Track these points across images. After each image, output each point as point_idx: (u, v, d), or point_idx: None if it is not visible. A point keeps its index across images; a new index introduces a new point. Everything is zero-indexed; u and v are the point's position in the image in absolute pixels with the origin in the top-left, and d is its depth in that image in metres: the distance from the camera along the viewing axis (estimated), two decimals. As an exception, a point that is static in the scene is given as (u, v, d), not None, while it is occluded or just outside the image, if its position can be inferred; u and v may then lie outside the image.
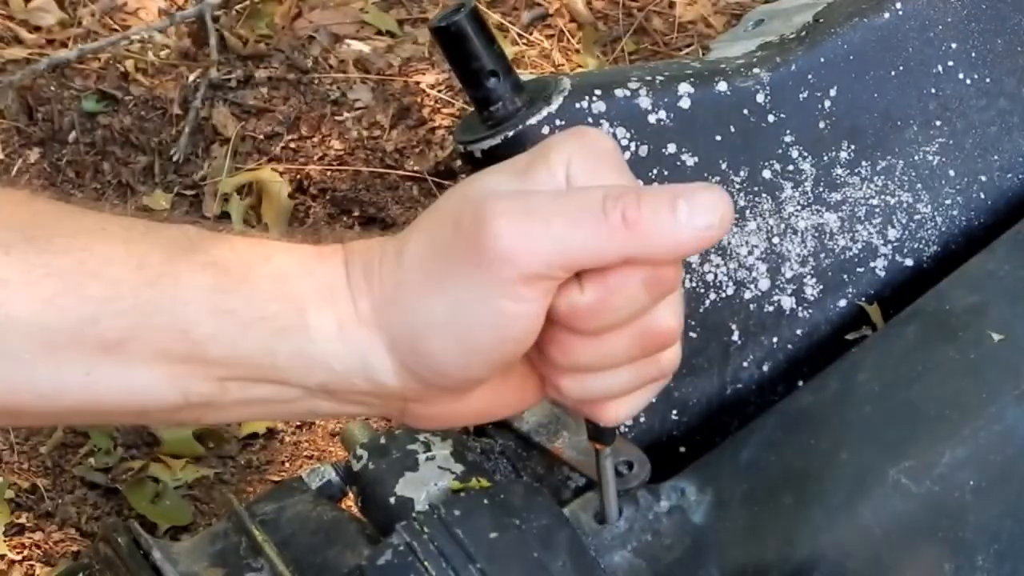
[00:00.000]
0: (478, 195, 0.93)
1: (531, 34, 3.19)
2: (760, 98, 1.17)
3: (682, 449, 1.19)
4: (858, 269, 1.20)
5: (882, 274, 1.20)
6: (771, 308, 1.18)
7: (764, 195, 1.17)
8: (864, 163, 1.19)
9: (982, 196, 1.22)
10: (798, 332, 1.19)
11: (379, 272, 0.97)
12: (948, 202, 1.21)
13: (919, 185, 1.21)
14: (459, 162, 2.95)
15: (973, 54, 1.21)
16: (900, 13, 1.20)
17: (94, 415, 0.99)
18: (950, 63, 1.21)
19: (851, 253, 1.19)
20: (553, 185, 0.94)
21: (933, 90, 1.21)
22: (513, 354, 0.94)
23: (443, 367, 0.95)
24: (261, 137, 3.08)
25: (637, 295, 0.93)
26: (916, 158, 1.21)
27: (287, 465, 2.47)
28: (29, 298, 0.95)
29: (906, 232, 1.20)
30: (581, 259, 0.92)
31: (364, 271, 0.98)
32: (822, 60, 1.18)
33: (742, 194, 1.16)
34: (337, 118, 3.09)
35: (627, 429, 1.18)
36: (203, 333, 0.96)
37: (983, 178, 1.22)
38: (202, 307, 0.96)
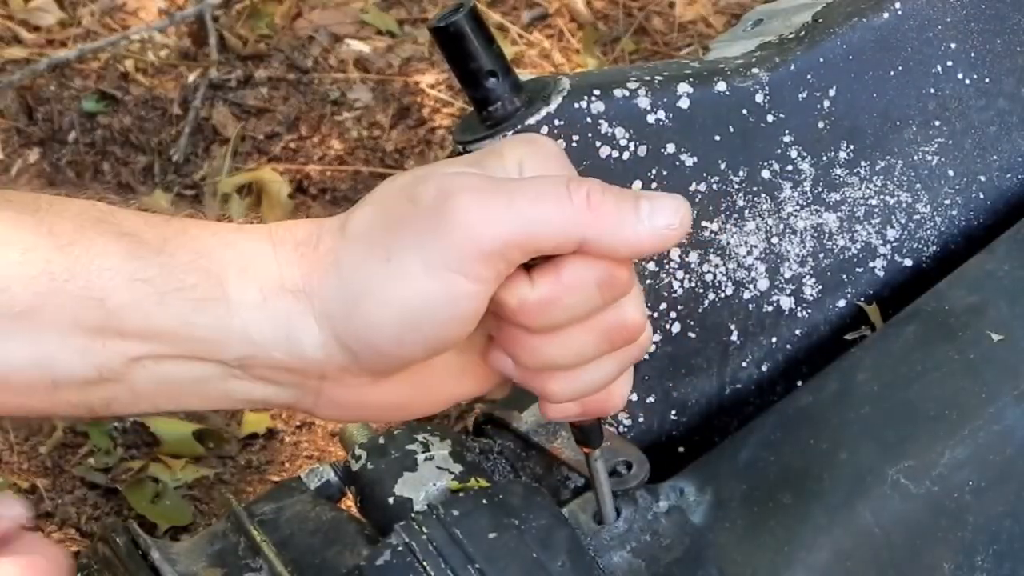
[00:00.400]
0: (437, 174, 0.93)
1: (531, 34, 3.19)
2: (759, 98, 1.17)
3: (681, 449, 1.19)
4: (857, 269, 1.20)
5: (881, 274, 1.20)
6: (770, 308, 1.18)
7: (763, 195, 1.17)
8: (863, 163, 1.19)
9: (981, 196, 1.22)
10: (797, 332, 1.19)
11: (315, 243, 0.96)
12: (947, 202, 1.21)
13: (918, 185, 1.21)
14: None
15: (972, 54, 1.21)
16: (899, 13, 1.20)
17: (3, 391, 0.96)
18: (949, 63, 1.21)
19: (850, 253, 1.19)
20: (505, 176, 0.95)
21: (932, 90, 1.21)
22: (450, 337, 0.93)
23: (377, 338, 0.93)
24: (261, 137, 3.08)
25: (590, 295, 0.93)
26: (915, 158, 1.20)
27: (287, 465, 2.47)
28: None
29: (905, 232, 1.20)
30: (541, 238, 0.92)
31: (295, 243, 0.97)
32: (821, 60, 1.18)
33: (741, 194, 1.16)
34: (337, 118, 3.09)
35: (626, 429, 1.18)
36: (118, 302, 0.95)
37: (982, 178, 1.22)
38: (117, 275, 0.95)
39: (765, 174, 1.17)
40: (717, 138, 1.16)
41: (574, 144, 1.11)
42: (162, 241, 0.97)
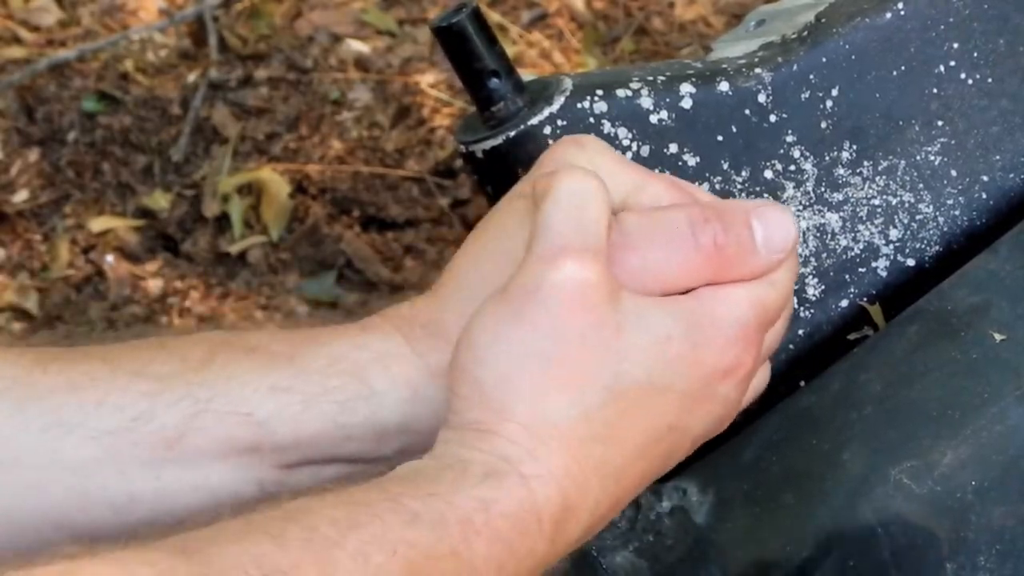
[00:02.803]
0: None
1: (531, 34, 3.19)
2: (762, 98, 1.17)
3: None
4: (860, 269, 1.20)
5: (884, 274, 1.20)
6: (773, 308, 1.18)
7: (766, 195, 1.17)
8: (866, 163, 1.19)
9: (984, 196, 1.21)
10: (799, 332, 1.19)
11: (445, 330, 0.96)
12: (950, 202, 1.21)
13: (921, 185, 1.21)
14: (460, 162, 2.95)
15: (975, 54, 1.21)
16: (902, 13, 1.20)
17: (166, 524, 0.95)
18: (952, 63, 1.21)
19: (853, 253, 1.19)
20: None
21: (935, 90, 1.21)
22: None
23: None
24: (261, 137, 3.08)
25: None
26: (918, 158, 1.21)
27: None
28: (80, 403, 0.94)
29: (908, 232, 1.20)
30: (669, 285, 0.93)
31: (426, 330, 0.97)
32: (824, 60, 1.18)
33: (743, 194, 1.16)
34: (337, 118, 3.09)
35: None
36: (266, 413, 0.94)
37: (985, 178, 1.22)
38: (258, 388, 0.94)
39: (768, 174, 1.17)
40: (720, 138, 1.16)
41: (577, 144, 1.11)
42: (292, 350, 0.97)
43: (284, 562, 0.79)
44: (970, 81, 1.21)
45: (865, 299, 1.20)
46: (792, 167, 1.18)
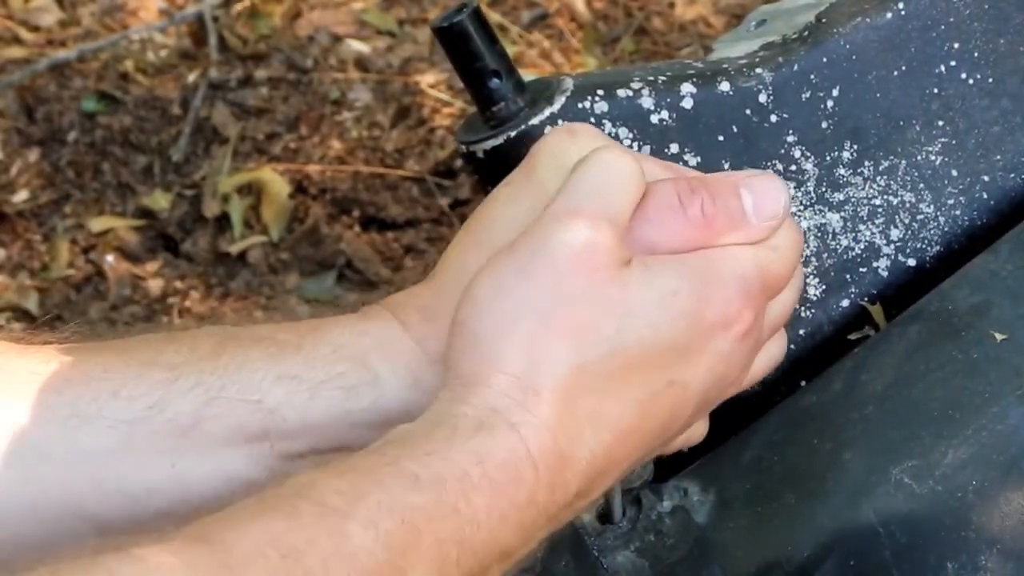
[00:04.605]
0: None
1: (531, 34, 3.19)
2: (762, 98, 1.17)
3: (685, 449, 1.19)
4: (861, 269, 1.20)
5: (885, 274, 1.20)
6: (773, 308, 1.18)
7: (766, 195, 1.17)
8: (867, 163, 1.19)
9: (985, 196, 1.22)
10: (800, 332, 1.19)
11: (440, 316, 0.97)
12: (951, 202, 1.21)
13: (922, 185, 1.21)
14: (460, 162, 2.95)
15: (976, 54, 1.21)
16: (902, 13, 1.20)
17: (183, 515, 0.96)
18: (953, 63, 1.21)
19: (854, 253, 1.19)
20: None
21: (936, 90, 1.21)
22: None
23: None
24: (261, 137, 3.08)
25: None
26: (919, 158, 1.21)
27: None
28: (96, 394, 0.95)
29: (909, 232, 1.20)
30: (660, 251, 0.96)
31: (423, 316, 0.98)
32: (824, 60, 1.18)
33: (744, 194, 1.17)
34: (337, 118, 3.09)
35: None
36: (275, 400, 0.96)
37: (986, 178, 1.22)
38: (267, 376, 0.96)
39: (768, 174, 1.17)
40: (720, 138, 1.16)
41: (578, 144, 1.11)
42: (298, 339, 0.98)
43: (300, 540, 0.81)
44: (971, 81, 1.21)
45: (866, 299, 1.20)
46: (793, 167, 1.18)
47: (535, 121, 1.10)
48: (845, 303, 1.20)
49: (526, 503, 0.89)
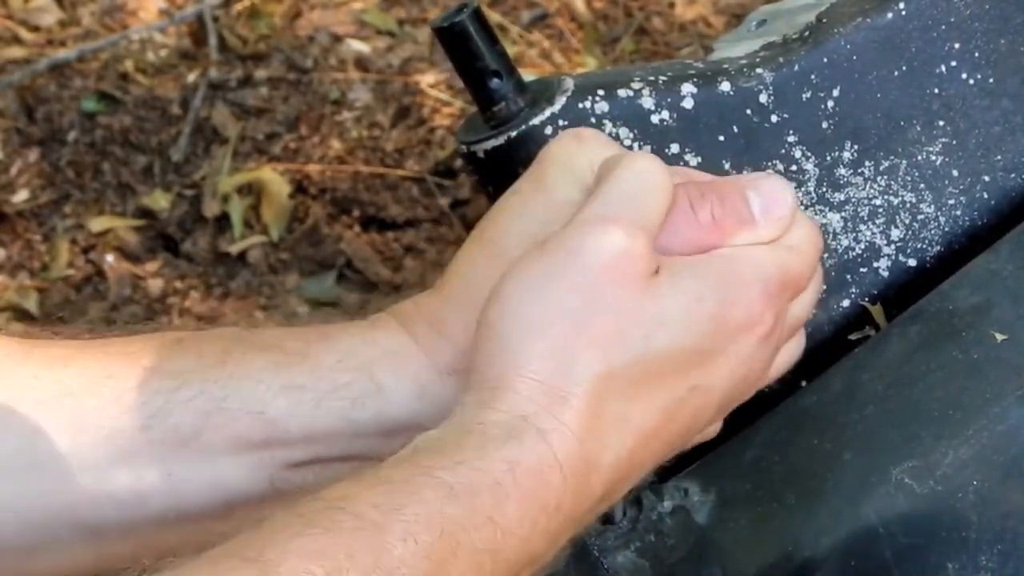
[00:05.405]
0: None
1: (531, 34, 3.19)
2: (763, 98, 1.17)
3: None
4: (861, 269, 1.20)
5: (885, 274, 1.20)
6: (774, 308, 1.18)
7: (767, 195, 1.17)
8: (867, 163, 1.19)
9: (985, 196, 1.22)
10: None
11: (449, 329, 0.97)
12: (951, 202, 1.21)
13: (922, 185, 1.21)
14: (460, 162, 2.95)
15: (976, 54, 1.21)
16: (903, 13, 1.20)
17: (176, 523, 0.96)
18: (953, 63, 1.21)
19: (854, 253, 1.19)
20: (584, 183, 0.97)
21: (936, 90, 1.21)
22: None
23: None
24: (261, 137, 3.08)
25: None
26: (919, 158, 1.21)
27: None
28: (98, 402, 0.94)
29: (909, 232, 1.20)
30: (675, 255, 0.96)
31: (431, 327, 0.98)
32: (825, 60, 1.18)
33: (745, 194, 1.16)
34: (337, 118, 3.09)
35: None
36: (278, 411, 0.95)
37: (986, 178, 1.22)
38: (271, 386, 0.95)
39: (769, 174, 1.17)
40: (721, 138, 1.16)
41: (578, 144, 1.11)
42: (305, 347, 0.98)
43: (340, 555, 0.81)
44: (971, 81, 1.21)
45: (866, 299, 1.20)
46: (793, 167, 1.18)
47: (535, 121, 1.10)
48: (845, 303, 1.20)
49: (554, 509, 0.89)
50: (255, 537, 0.81)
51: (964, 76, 1.21)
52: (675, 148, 1.14)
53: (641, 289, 0.92)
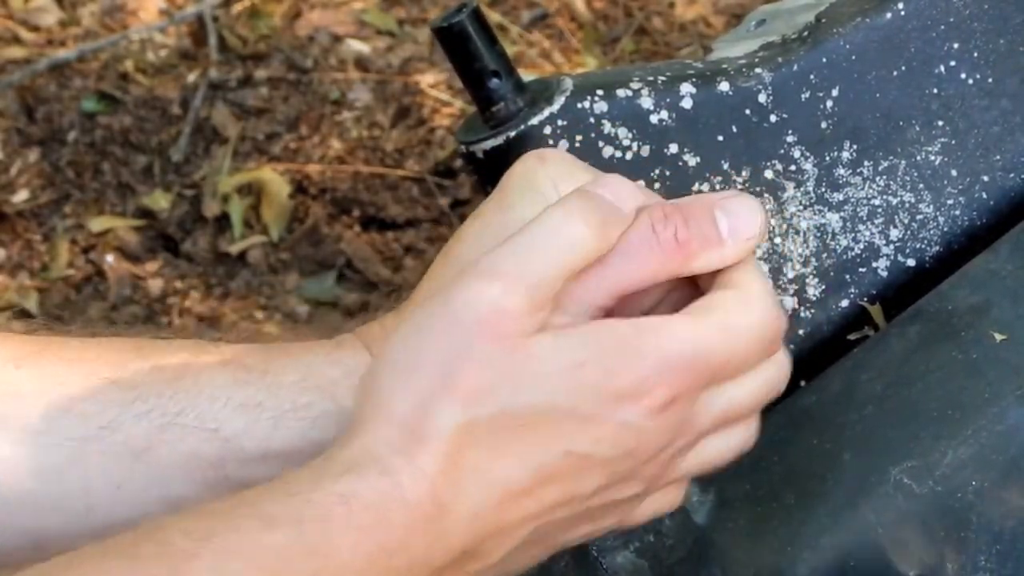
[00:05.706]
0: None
1: (531, 34, 3.19)
2: (762, 98, 1.17)
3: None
4: (860, 269, 1.20)
5: (884, 274, 1.20)
6: (773, 308, 1.18)
7: (766, 195, 1.17)
8: (866, 163, 1.19)
9: (984, 196, 1.22)
10: (800, 332, 1.19)
11: None
12: (950, 202, 1.21)
13: (921, 185, 1.21)
14: (460, 162, 2.95)
15: (975, 54, 1.21)
16: (902, 13, 1.20)
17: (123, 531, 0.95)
18: (952, 63, 1.21)
19: (853, 253, 1.19)
20: (546, 203, 0.95)
21: (935, 90, 1.21)
22: None
23: None
24: (261, 137, 3.08)
25: None
26: (918, 158, 1.21)
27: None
28: (47, 409, 0.93)
29: (908, 232, 1.20)
30: (635, 288, 0.93)
31: None
32: (824, 60, 1.18)
33: (744, 194, 1.17)
34: (337, 118, 3.09)
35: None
36: (233, 429, 0.94)
37: (985, 178, 1.22)
38: (228, 403, 0.94)
39: (768, 174, 1.17)
40: (720, 138, 1.16)
41: (577, 144, 1.12)
42: (265, 364, 0.96)
43: None
44: (970, 81, 1.21)
45: (865, 299, 1.20)
46: (792, 167, 1.18)
47: (535, 121, 1.10)
48: (845, 303, 1.20)
49: (397, 548, 0.86)
50: (61, 562, 0.80)
51: (963, 76, 1.21)
52: (674, 148, 1.14)
53: (512, 349, 0.89)
